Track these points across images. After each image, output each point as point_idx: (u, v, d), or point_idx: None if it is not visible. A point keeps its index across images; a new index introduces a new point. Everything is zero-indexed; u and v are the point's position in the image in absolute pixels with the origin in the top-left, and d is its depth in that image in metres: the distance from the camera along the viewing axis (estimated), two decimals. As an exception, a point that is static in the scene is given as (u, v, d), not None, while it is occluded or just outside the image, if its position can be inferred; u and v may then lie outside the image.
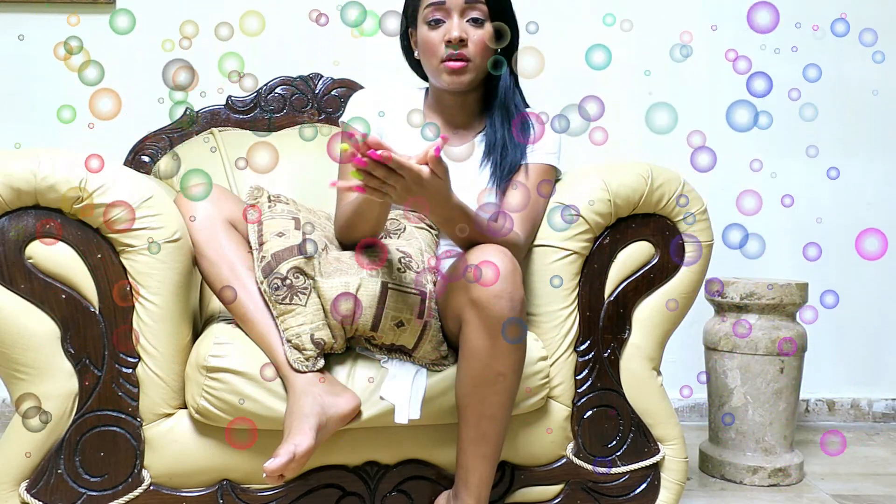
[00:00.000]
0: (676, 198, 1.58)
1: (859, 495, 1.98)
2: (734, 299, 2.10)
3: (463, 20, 1.54)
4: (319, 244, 1.47)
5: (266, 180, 1.83)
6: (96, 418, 1.40)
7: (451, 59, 1.53)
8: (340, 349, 1.45)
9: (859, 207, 2.67)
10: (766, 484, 2.05)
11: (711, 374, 2.16)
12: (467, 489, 1.41)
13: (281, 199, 1.55)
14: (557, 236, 1.56)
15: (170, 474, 1.43)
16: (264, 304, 1.43)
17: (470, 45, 1.54)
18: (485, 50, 1.55)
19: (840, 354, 2.68)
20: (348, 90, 2.10)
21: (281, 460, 1.25)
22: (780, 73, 2.54)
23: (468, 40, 1.53)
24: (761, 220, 2.61)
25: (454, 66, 1.54)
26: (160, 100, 2.19)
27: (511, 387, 1.39)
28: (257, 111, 2.08)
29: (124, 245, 1.38)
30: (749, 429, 2.08)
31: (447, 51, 1.53)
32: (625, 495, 1.58)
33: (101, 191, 1.35)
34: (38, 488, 1.38)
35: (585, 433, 1.57)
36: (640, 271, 1.59)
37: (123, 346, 1.39)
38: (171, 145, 2.04)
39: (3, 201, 1.33)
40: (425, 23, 1.56)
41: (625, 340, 1.59)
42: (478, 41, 1.54)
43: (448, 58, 1.53)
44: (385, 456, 1.50)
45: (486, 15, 1.54)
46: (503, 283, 1.32)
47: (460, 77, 1.55)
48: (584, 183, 1.57)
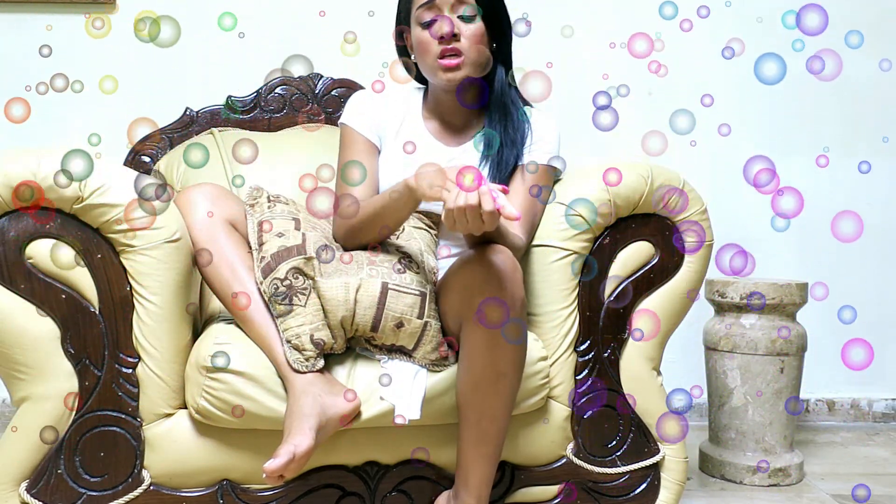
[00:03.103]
0: (666, 198, 1.57)
1: (859, 495, 1.98)
2: (734, 299, 2.10)
3: (454, 16, 1.54)
4: (318, 244, 1.47)
5: (266, 181, 1.83)
6: (96, 418, 1.40)
7: (445, 55, 1.53)
8: (340, 349, 1.45)
9: (859, 207, 2.67)
10: (766, 484, 2.05)
11: (711, 374, 2.16)
12: (467, 489, 1.41)
13: (281, 199, 1.55)
14: (557, 236, 1.56)
15: (170, 474, 1.43)
16: (264, 304, 1.43)
17: (462, 39, 1.54)
18: (478, 43, 1.55)
19: (840, 354, 2.68)
20: (348, 90, 2.09)
21: (281, 461, 1.25)
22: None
23: (460, 35, 1.53)
24: (761, 219, 2.62)
25: (449, 63, 1.54)
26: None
27: (512, 387, 1.39)
28: (257, 111, 2.08)
29: (124, 245, 1.38)
30: (749, 429, 2.08)
31: (440, 47, 1.53)
32: (625, 495, 1.58)
33: (101, 191, 1.35)
34: (38, 488, 1.38)
35: (585, 433, 1.57)
36: (640, 271, 1.59)
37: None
38: (171, 145, 2.04)
39: (3, 201, 1.33)
40: (418, 24, 1.56)
41: (625, 340, 1.59)
42: (470, 35, 1.54)
43: (442, 54, 1.53)
44: (385, 456, 1.50)
45: (477, 11, 1.55)
46: (504, 283, 1.32)
47: (456, 73, 1.55)
48: (584, 183, 1.57)
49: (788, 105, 2.64)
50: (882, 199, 2.69)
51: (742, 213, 2.62)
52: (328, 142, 1.93)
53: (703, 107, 2.45)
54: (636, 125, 2.56)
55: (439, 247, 1.60)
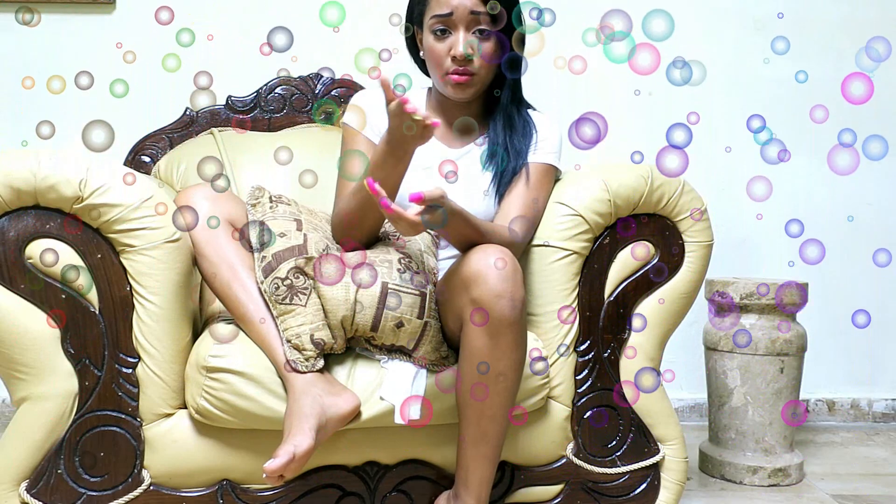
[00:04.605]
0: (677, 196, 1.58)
1: (859, 495, 1.98)
2: (734, 299, 2.09)
3: (469, 33, 1.53)
4: (320, 245, 1.47)
5: (267, 181, 1.83)
6: (96, 418, 1.40)
7: (456, 72, 1.53)
8: (340, 349, 1.45)
9: (859, 207, 2.67)
10: (766, 484, 2.05)
11: (711, 374, 2.16)
12: (467, 489, 1.41)
13: (282, 199, 1.55)
14: (557, 236, 1.56)
15: (170, 474, 1.44)
16: (264, 304, 1.43)
17: (476, 59, 1.53)
18: (491, 63, 1.55)
19: (840, 354, 2.68)
20: (348, 90, 2.09)
21: (281, 461, 1.25)
22: (782, 73, 2.54)
23: (473, 55, 1.53)
24: (761, 219, 2.62)
25: (459, 79, 1.53)
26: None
27: (511, 387, 1.39)
28: (257, 111, 2.08)
29: (124, 245, 1.38)
30: (749, 429, 2.08)
31: (453, 65, 1.53)
32: (625, 495, 1.58)
33: (100, 191, 1.35)
34: (38, 488, 1.38)
35: (585, 433, 1.57)
36: (640, 271, 1.59)
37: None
38: (171, 145, 2.04)
39: (3, 201, 1.33)
40: (431, 32, 1.55)
41: (625, 340, 1.59)
42: (484, 55, 1.53)
43: (453, 71, 1.53)
44: (385, 456, 1.50)
45: (491, 28, 1.53)
46: (504, 283, 1.32)
47: (465, 91, 1.55)
48: (584, 183, 1.57)
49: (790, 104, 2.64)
50: (882, 199, 2.69)
51: (742, 213, 2.62)
52: (328, 142, 1.94)
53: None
54: (637, 125, 2.57)
55: (439, 248, 1.60)
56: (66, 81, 1.61)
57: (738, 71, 2.61)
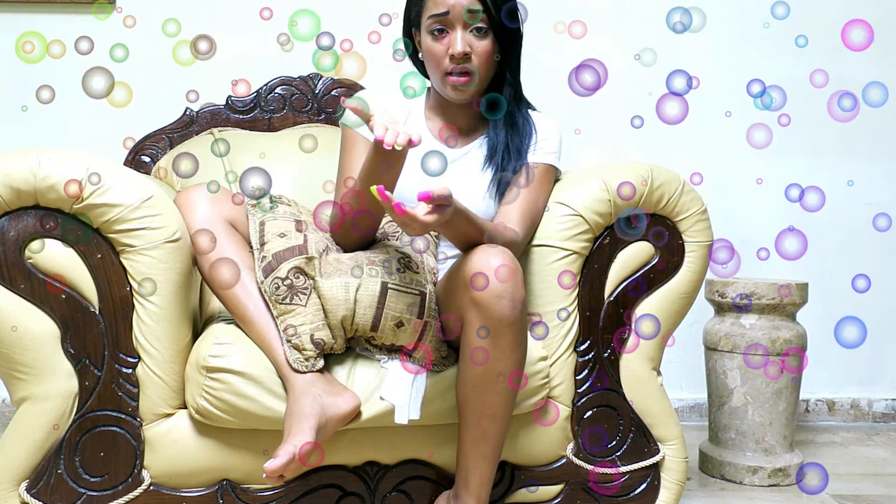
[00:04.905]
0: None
1: (859, 495, 1.98)
2: (734, 299, 2.09)
3: (466, 32, 1.53)
4: (320, 245, 1.47)
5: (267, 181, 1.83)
6: (96, 418, 1.40)
7: (455, 73, 1.53)
8: (340, 349, 1.45)
9: (859, 207, 2.67)
10: (766, 484, 2.05)
11: (711, 374, 2.16)
12: (467, 489, 1.41)
13: (283, 200, 1.55)
14: (557, 236, 1.56)
15: (170, 474, 1.44)
16: (264, 304, 1.43)
17: (474, 57, 1.53)
18: (489, 61, 1.55)
19: (840, 354, 2.68)
20: (348, 90, 2.10)
21: (281, 461, 1.25)
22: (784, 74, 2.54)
23: (472, 53, 1.53)
24: (761, 219, 2.62)
25: (458, 80, 1.53)
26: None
27: (511, 387, 1.39)
28: (257, 111, 2.08)
29: (124, 245, 1.38)
30: (749, 429, 2.08)
31: (451, 64, 1.53)
32: (625, 495, 1.58)
33: (100, 191, 1.35)
34: (38, 488, 1.38)
35: (585, 433, 1.57)
36: (640, 271, 1.59)
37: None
38: (171, 145, 2.04)
39: (3, 201, 1.33)
40: (429, 32, 1.55)
41: (625, 340, 1.59)
42: (482, 53, 1.53)
43: (452, 71, 1.53)
44: (385, 456, 1.50)
45: (490, 24, 1.53)
46: (504, 283, 1.32)
47: (465, 91, 1.55)
48: (584, 183, 1.57)
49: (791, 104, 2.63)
50: (882, 199, 2.69)
51: (742, 213, 2.62)
52: (328, 142, 1.94)
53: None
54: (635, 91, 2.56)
55: (439, 247, 1.60)
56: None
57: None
